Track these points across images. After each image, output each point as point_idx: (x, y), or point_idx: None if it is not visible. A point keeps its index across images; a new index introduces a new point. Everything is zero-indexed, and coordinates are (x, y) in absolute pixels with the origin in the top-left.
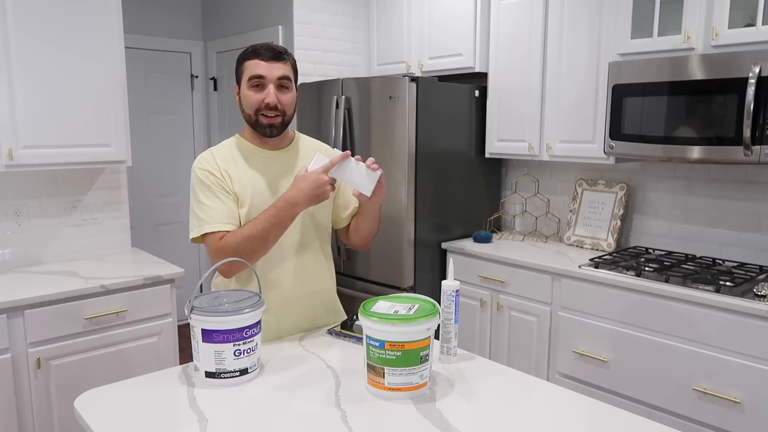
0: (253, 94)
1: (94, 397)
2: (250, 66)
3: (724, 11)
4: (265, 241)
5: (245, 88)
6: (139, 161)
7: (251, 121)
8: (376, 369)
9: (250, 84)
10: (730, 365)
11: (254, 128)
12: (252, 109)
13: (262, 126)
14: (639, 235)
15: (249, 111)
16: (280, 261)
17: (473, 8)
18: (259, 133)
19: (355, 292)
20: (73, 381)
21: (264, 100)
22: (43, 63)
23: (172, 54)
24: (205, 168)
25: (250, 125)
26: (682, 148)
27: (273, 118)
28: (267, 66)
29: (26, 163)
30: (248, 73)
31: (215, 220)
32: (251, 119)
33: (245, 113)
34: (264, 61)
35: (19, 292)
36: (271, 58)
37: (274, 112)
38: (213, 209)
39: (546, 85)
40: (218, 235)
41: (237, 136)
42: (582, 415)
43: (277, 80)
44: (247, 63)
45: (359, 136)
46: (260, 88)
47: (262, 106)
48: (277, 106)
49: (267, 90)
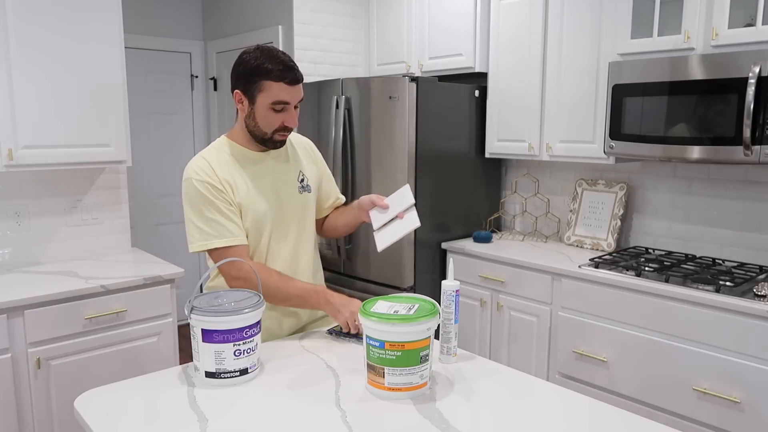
0: (274, 115)
1: (94, 397)
2: (273, 89)
3: (724, 11)
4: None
5: (265, 109)
6: (139, 161)
7: (264, 137)
8: (376, 369)
9: (273, 107)
10: (730, 365)
11: (263, 143)
12: (270, 129)
13: (275, 142)
14: (639, 235)
15: (266, 130)
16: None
17: (473, 8)
18: (269, 147)
19: (355, 292)
20: (73, 381)
21: (284, 122)
22: (43, 63)
23: (172, 54)
24: (204, 180)
25: (259, 140)
26: (682, 148)
27: (285, 135)
28: (291, 91)
29: (26, 163)
30: (272, 97)
31: (223, 234)
32: (265, 136)
33: (259, 129)
34: (288, 85)
35: (19, 292)
36: (294, 82)
37: (289, 131)
38: (219, 223)
39: (546, 85)
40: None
41: (227, 140)
42: (582, 415)
43: (297, 103)
44: (269, 83)
45: (359, 136)
46: (282, 111)
47: (281, 127)
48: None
49: (290, 113)
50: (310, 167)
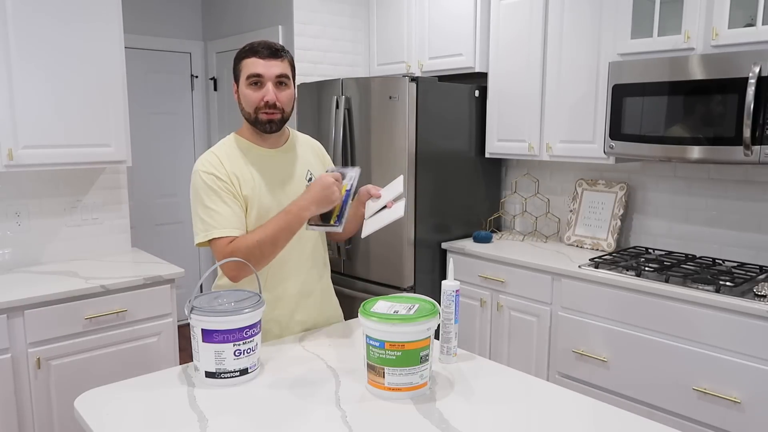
0: (251, 92)
1: (94, 397)
2: (248, 64)
3: (724, 11)
4: (274, 245)
5: (244, 87)
6: (139, 161)
7: (251, 118)
8: (376, 369)
9: (249, 82)
10: (730, 365)
11: (254, 125)
12: (251, 107)
13: (261, 123)
14: (639, 235)
15: (249, 109)
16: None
17: (473, 8)
18: (259, 129)
19: (355, 292)
20: (73, 381)
21: (263, 99)
22: (44, 63)
23: (172, 54)
24: (211, 172)
25: (250, 123)
26: (682, 148)
27: (272, 114)
28: (265, 64)
29: (26, 163)
30: (246, 72)
31: (223, 225)
32: (251, 117)
33: (245, 111)
34: (262, 59)
35: (19, 292)
36: (269, 56)
37: (273, 109)
38: (220, 214)
39: (546, 85)
40: (227, 239)
41: (235, 135)
42: (582, 415)
43: (275, 78)
44: (245, 61)
45: (359, 136)
46: (259, 87)
47: (261, 104)
48: (276, 104)
49: (266, 88)
50: (318, 166)
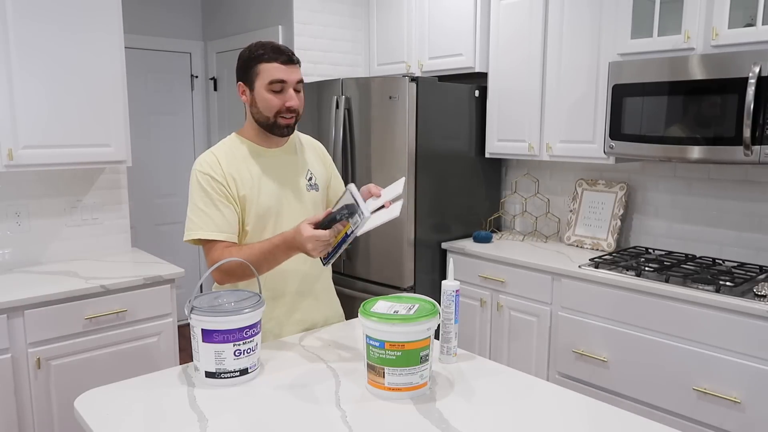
0: (273, 97)
1: (94, 397)
2: (269, 69)
3: (724, 11)
4: (258, 269)
5: (264, 91)
6: (139, 161)
7: (268, 122)
8: (376, 369)
9: (271, 88)
10: (730, 365)
11: (270, 129)
12: (272, 111)
13: (280, 127)
14: (639, 235)
15: (268, 113)
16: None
17: (473, 8)
18: (275, 134)
19: (355, 292)
20: (73, 381)
21: (285, 104)
22: (43, 63)
23: (172, 54)
24: (206, 172)
25: (265, 126)
26: (682, 148)
27: (290, 119)
28: (286, 70)
29: (26, 163)
30: (267, 77)
31: (208, 228)
32: (269, 121)
33: (262, 115)
34: (284, 65)
35: (19, 292)
36: (289, 62)
37: (292, 113)
38: (208, 216)
39: (546, 85)
40: (216, 245)
41: (237, 136)
42: (582, 414)
43: (295, 84)
44: (264, 65)
45: (359, 136)
46: (280, 92)
47: (283, 108)
48: (296, 109)
49: (289, 93)
50: (319, 167)
